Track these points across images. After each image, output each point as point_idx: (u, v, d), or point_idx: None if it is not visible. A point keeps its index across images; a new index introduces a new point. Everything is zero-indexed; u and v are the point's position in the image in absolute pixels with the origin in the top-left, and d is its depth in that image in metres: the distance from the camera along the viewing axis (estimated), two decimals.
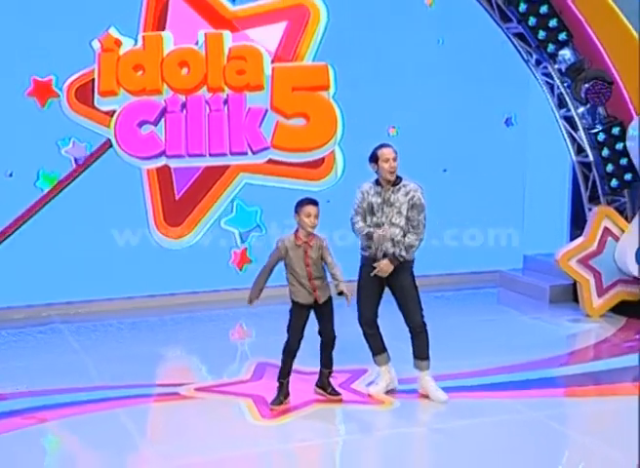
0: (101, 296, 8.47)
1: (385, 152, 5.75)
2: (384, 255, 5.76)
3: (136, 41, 8.12)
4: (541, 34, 8.25)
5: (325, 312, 5.80)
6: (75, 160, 8.21)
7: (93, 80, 8.07)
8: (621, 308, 8.58)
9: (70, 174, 8.26)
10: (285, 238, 5.76)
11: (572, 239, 9.69)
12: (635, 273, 8.23)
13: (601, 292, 8.47)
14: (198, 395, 6.08)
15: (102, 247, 8.34)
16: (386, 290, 6.04)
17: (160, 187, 8.39)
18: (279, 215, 6.57)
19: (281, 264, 5.87)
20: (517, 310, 8.87)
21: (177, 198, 8.46)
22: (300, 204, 5.67)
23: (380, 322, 6.08)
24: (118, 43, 8.02)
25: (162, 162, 8.34)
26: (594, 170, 8.74)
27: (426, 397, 6.02)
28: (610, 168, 8.58)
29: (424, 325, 5.90)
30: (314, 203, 5.66)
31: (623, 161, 8.53)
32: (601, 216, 8.50)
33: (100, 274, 8.40)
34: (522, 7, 8.08)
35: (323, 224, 5.76)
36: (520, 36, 8.54)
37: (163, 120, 8.30)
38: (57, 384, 6.24)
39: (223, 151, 8.39)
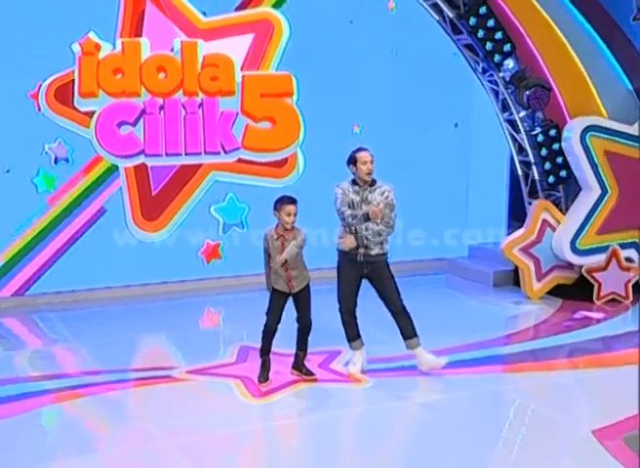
0: (84, 287, 8.29)
1: (363, 155, 5.84)
2: (368, 256, 5.83)
3: (114, 46, 7.98)
4: (489, 45, 8.39)
5: (302, 300, 5.85)
6: (55, 158, 8.01)
7: (72, 81, 7.89)
8: (558, 291, 8.75)
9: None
10: (268, 231, 5.80)
11: (510, 230, 9.91)
12: (570, 259, 8.48)
13: (540, 277, 8.67)
14: (190, 377, 6.07)
15: (85, 241, 8.23)
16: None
17: (137, 184, 8.31)
18: (264, 218, 6.58)
19: None
20: (465, 294, 9.02)
21: (153, 194, 8.40)
22: (281, 202, 5.72)
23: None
24: (98, 47, 7.94)
25: (140, 160, 8.24)
26: (534, 168, 8.92)
27: (395, 375, 6.14)
28: (548, 166, 8.79)
29: (404, 307, 6.02)
30: (294, 202, 5.71)
31: (559, 160, 8.75)
32: (540, 209, 8.69)
33: (83, 266, 8.18)
34: (472, 21, 8.19)
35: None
36: (469, 47, 8.64)
37: (142, 121, 8.15)
38: (54, 370, 6.18)
39: (199, 151, 8.42)
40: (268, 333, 5.83)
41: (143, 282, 8.56)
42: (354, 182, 5.91)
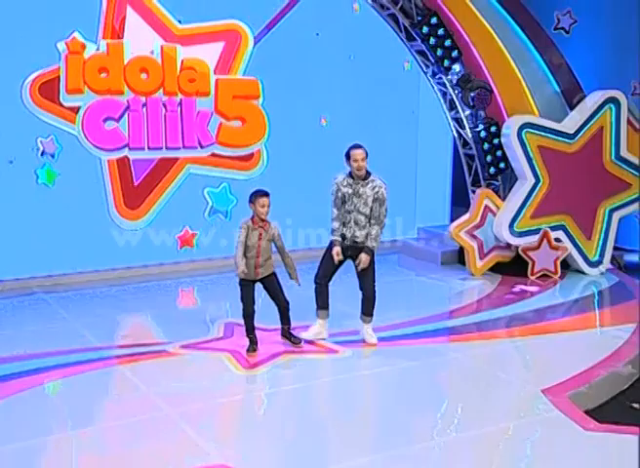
0: (74, 270, 8.19)
1: (354, 153, 5.93)
2: (354, 242, 5.97)
3: (98, 46, 7.88)
4: (439, 52, 8.56)
5: (270, 285, 5.97)
6: (42, 152, 7.87)
7: (57, 78, 7.73)
8: (497, 268, 8.97)
9: None
10: (246, 221, 5.84)
11: (452, 215, 10.20)
12: (508, 240, 8.68)
13: (482, 256, 8.86)
14: (184, 351, 6.07)
15: (75, 228, 8.07)
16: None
17: (120, 175, 8.26)
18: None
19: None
20: (415, 272, 9.15)
21: (135, 185, 8.36)
22: (256, 195, 5.80)
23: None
24: (83, 47, 7.80)
25: (124, 153, 8.18)
26: (477, 160, 9.12)
27: (369, 346, 6.27)
28: (489, 158, 9.02)
29: (374, 293, 6.19)
30: (267, 195, 5.80)
31: (499, 153, 8.99)
32: (482, 197, 8.87)
33: (72, 250, 8.10)
34: (425, 29, 8.34)
35: None
36: (421, 53, 8.77)
37: (126, 117, 8.10)
38: (57, 346, 6.10)
39: (178, 145, 8.43)
40: (247, 317, 5.94)
41: (126, 265, 8.45)
42: (350, 175, 5.99)
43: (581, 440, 4.69)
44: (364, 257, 5.93)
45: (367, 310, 6.25)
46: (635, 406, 5.63)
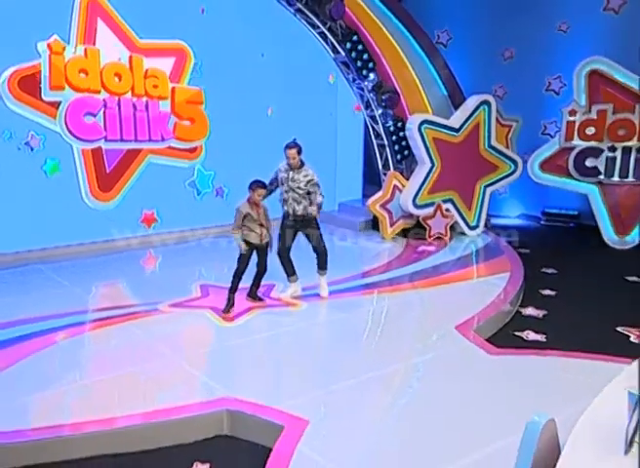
0: (61, 243, 7.94)
1: (287, 153, 6.11)
2: (296, 216, 6.16)
3: (75, 50, 7.65)
4: (358, 63, 8.74)
5: (263, 252, 6.05)
6: (31, 148, 7.59)
7: (38, 74, 7.41)
8: (403, 232, 9.29)
9: None
10: (242, 205, 5.88)
11: (364, 191, 10.56)
12: (411, 211, 9.03)
13: (392, 224, 9.17)
14: (173, 310, 6.06)
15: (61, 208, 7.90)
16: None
17: (94, 164, 8.10)
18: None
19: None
20: (339, 238, 9.15)
21: (107, 171, 8.24)
22: (256, 184, 5.85)
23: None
24: (64, 48, 7.54)
25: (100, 144, 8.04)
26: (387, 149, 9.41)
27: (323, 298, 6.43)
28: (396, 147, 9.34)
29: (325, 249, 6.40)
30: (265, 187, 5.90)
31: (404, 143, 9.30)
32: (392, 178, 9.20)
33: (59, 226, 7.87)
34: (348, 45, 8.50)
35: None
36: (344, 63, 8.93)
37: (102, 113, 7.96)
38: (64, 309, 5.96)
39: (145, 139, 8.37)
40: (238, 276, 5.96)
41: (104, 238, 8.24)
42: (288, 164, 6.15)
43: (488, 361, 5.11)
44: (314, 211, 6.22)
45: (321, 264, 6.43)
46: (516, 333, 5.94)
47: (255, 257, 6.07)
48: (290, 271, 6.37)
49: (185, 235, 8.70)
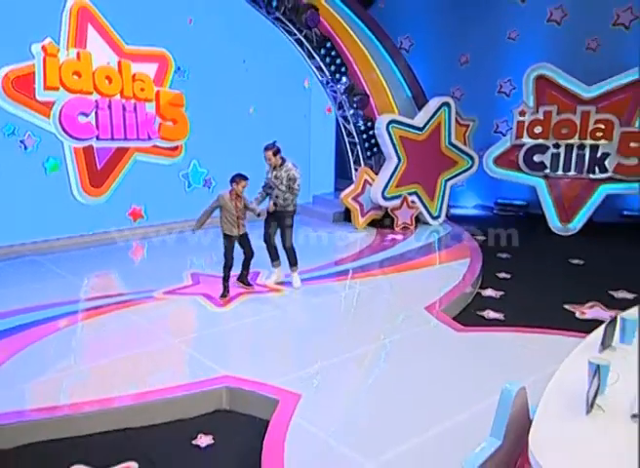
0: (53, 236, 7.75)
1: (264, 154, 6.14)
2: (275, 204, 6.20)
3: (68, 53, 7.46)
4: (332, 68, 8.76)
5: (244, 241, 6.08)
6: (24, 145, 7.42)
7: (32, 75, 7.19)
8: (373, 223, 9.33)
9: None
10: (223, 194, 5.90)
11: (336, 186, 10.53)
12: (381, 203, 9.07)
13: (363, 215, 9.22)
14: (167, 296, 6.02)
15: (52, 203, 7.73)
16: None
17: (86, 161, 7.96)
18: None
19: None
20: (312, 228, 9.04)
21: (98, 168, 8.10)
22: (240, 177, 5.86)
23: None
24: (58, 51, 7.37)
25: (92, 142, 7.90)
26: (358, 146, 9.47)
27: (297, 288, 6.36)
28: (366, 145, 9.40)
29: (292, 247, 6.38)
30: (246, 179, 5.90)
31: (373, 141, 9.36)
32: (363, 173, 9.25)
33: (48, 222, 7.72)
34: (322, 51, 8.50)
35: None
36: (319, 68, 8.92)
37: (94, 113, 7.81)
38: (63, 298, 5.89)
39: (134, 138, 8.25)
40: (228, 268, 5.99)
41: (93, 231, 8.10)
42: (268, 164, 6.21)
43: (455, 338, 5.26)
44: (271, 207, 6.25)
45: (291, 261, 6.43)
46: (478, 313, 6.09)
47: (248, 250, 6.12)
48: (273, 256, 6.42)
49: (175, 226, 8.55)
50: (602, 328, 3.41)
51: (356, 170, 9.56)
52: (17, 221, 7.41)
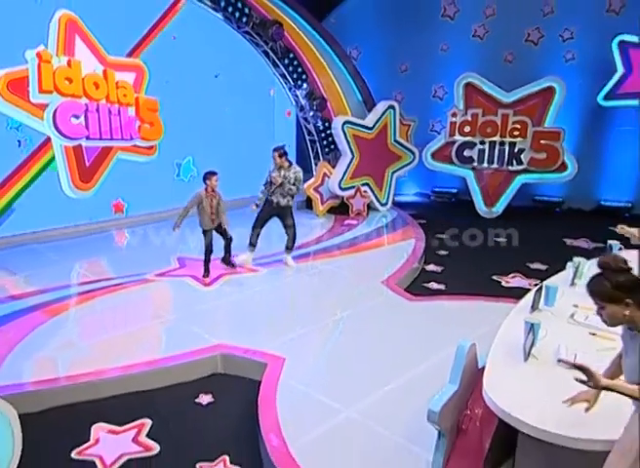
0: (49, 227, 7.50)
1: (273, 155, 6.20)
2: (278, 206, 6.21)
3: (59, 60, 7.18)
4: (294, 75, 8.75)
5: (221, 230, 6.03)
6: (19, 143, 7.11)
7: (25, 78, 6.87)
8: (331, 210, 9.39)
9: None
10: (200, 192, 5.82)
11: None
12: (338, 193, 9.15)
13: (322, 203, 9.28)
14: (158, 278, 5.96)
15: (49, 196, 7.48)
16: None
17: (76, 159, 7.71)
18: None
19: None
20: None
21: (87, 166, 7.86)
22: (210, 174, 5.79)
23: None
24: (51, 57, 7.09)
25: (82, 142, 7.66)
26: (317, 144, 9.51)
27: (275, 267, 6.41)
28: (325, 143, 9.43)
29: (295, 234, 6.44)
30: (216, 174, 5.83)
31: (330, 139, 9.41)
32: (322, 167, 9.32)
33: (48, 212, 7.48)
34: (286, 61, 8.47)
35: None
36: (283, 75, 8.88)
37: (84, 115, 7.57)
38: (62, 282, 5.78)
39: (119, 137, 8.04)
40: (207, 252, 5.96)
41: (83, 222, 7.89)
42: (275, 164, 6.22)
43: (408, 306, 5.40)
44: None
45: (290, 246, 6.47)
46: (424, 285, 6.22)
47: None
48: (253, 242, 6.38)
49: (162, 216, 8.26)
50: (531, 294, 3.72)
51: (316, 164, 9.58)
52: (17, 213, 7.18)
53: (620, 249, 4.62)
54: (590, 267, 4.33)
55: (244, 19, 8.05)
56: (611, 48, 9.05)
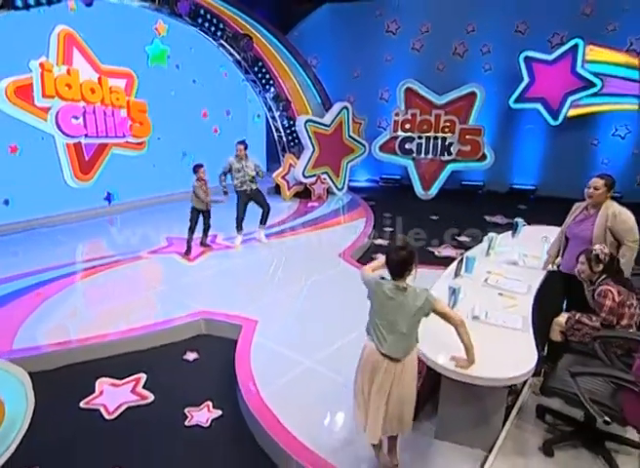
0: (55, 212, 7.20)
1: (237, 147, 5.94)
2: (250, 189, 6.01)
3: (60, 69, 6.81)
4: (263, 81, 8.50)
5: (206, 215, 5.91)
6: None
7: (29, 85, 6.56)
8: (296, 195, 9.25)
9: None
10: (196, 184, 5.65)
11: (268, 167, 10.23)
12: (302, 180, 8.93)
13: (289, 189, 9.16)
14: (151, 255, 5.82)
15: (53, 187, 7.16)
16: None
17: (77, 154, 7.39)
18: None
19: None
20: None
21: (86, 159, 7.53)
22: (198, 167, 5.63)
23: None
24: (52, 67, 6.73)
25: (81, 140, 7.31)
26: (283, 138, 9.30)
27: (263, 242, 6.29)
28: (290, 138, 9.22)
29: (269, 211, 6.25)
30: (202, 166, 5.68)
31: (294, 135, 9.22)
32: (288, 159, 9.15)
33: (56, 199, 7.19)
34: (255, 68, 8.13)
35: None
36: (253, 80, 8.61)
37: (82, 117, 7.23)
38: (66, 260, 5.60)
39: (113, 135, 7.70)
40: (191, 231, 5.82)
41: (83, 208, 7.57)
42: (237, 156, 6.00)
43: (358, 274, 5.42)
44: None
45: (264, 221, 6.31)
46: (373, 256, 5.68)
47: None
48: (239, 227, 6.25)
49: (151, 202, 8.18)
50: (454, 263, 3.81)
51: (283, 156, 9.42)
52: (28, 201, 6.88)
53: (524, 225, 4.78)
54: (501, 241, 4.48)
55: (219, 33, 7.73)
56: (518, 61, 9.16)
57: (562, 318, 3.12)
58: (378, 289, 2.37)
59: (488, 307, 3.07)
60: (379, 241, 6.94)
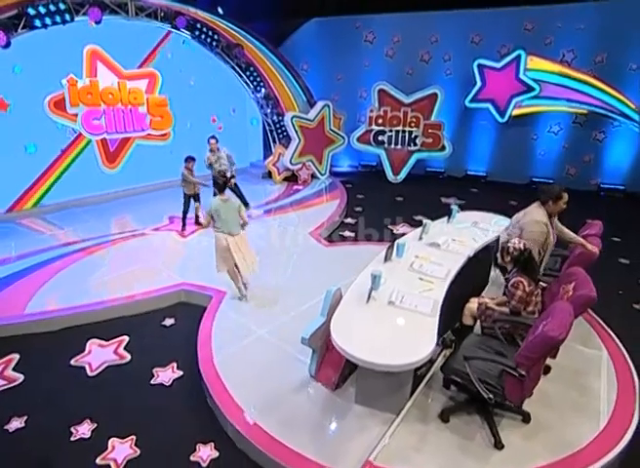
0: (72, 197, 6.67)
1: (210, 141, 5.49)
2: (230, 177, 5.54)
3: (84, 81, 6.39)
4: (254, 83, 7.84)
5: (196, 197, 5.54)
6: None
7: (63, 99, 6.24)
8: (285, 179, 8.68)
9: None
10: (185, 172, 5.27)
11: (265, 156, 9.56)
12: (289, 167, 8.49)
13: (279, 174, 8.65)
14: (153, 232, 5.49)
15: (79, 172, 6.71)
16: None
17: (104, 146, 6.95)
18: None
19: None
20: (250, 183, 8.08)
21: (111, 151, 7.07)
22: (189, 159, 5.23)
23: None
24: (76, 81, 6.29)
25: (104, 136, 6.86)
26: (274, 132, 8.72)
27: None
28: (279, 131, 8.52)
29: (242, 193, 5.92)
30: (195, 160, 5.29)
31: (283, 128, 8.47)
32: (278, 149, 8.56)
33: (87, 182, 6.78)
34: (247, 73, 7.47)
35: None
36: (247, 83, 7.97)
37: (104, 117, 6.74)
38: (76, 237, 5.22)
39: (132, 130, 7.14)
40: (184, 212, 5.51)
41: (109, 191, 7.10)
42: (211, 150, 5.58)
43: (323, 251, 4.93)
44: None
45: (245, 201, 6.01)
46: (340, 234, 5.65)
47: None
48: (246, 204, 5.96)
49: (156, 186, 7.57)
50: (385, 248, 3.43)
51: (274, 146, 8.90)
52: (62, 184, 6.54)
53: (459, 211, 4.34)
54: (436, 226, 4.06)
55: (214, 44, 7.06)
56: (473, 68, 8.65)
57: (473, 304, 2.77)
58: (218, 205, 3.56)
59: (405, 292, 2.72)
60: (348, 219, 6.55)
